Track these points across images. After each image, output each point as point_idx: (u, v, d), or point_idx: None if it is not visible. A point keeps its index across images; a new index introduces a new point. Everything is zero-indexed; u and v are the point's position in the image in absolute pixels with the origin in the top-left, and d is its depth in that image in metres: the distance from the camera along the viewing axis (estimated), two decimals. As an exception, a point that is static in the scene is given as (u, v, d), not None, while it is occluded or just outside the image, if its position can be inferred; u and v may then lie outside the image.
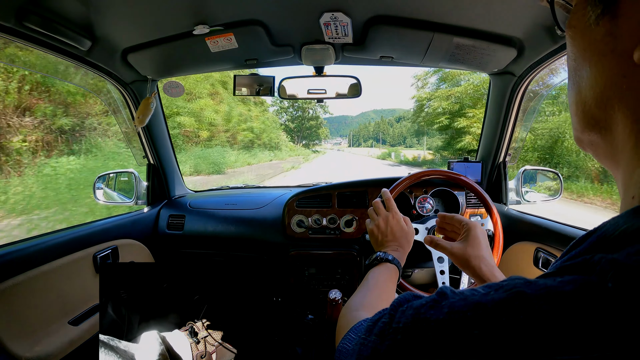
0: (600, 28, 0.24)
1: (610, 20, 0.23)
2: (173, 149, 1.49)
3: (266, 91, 1.23)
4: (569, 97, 0.29)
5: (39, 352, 0.79)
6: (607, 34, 0.23)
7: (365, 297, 0.52)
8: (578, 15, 0.26)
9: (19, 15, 0.72)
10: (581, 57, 0.26)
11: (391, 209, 0.75)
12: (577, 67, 0.27)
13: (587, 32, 0.25)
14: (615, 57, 0.23)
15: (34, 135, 5.64)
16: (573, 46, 0.27)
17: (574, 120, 0.29)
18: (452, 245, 0.63)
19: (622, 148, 0.25)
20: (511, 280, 0.22)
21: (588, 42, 0.25)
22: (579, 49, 0.26)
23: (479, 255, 0.60)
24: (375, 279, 0.59)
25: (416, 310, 0.25)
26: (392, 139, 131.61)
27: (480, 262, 0.59)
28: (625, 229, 0.20)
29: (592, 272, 0.19)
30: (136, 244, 1.25)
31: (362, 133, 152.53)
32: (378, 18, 0.91)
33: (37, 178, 5.18)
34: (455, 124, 15.68)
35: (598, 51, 0.24)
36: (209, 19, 0.90)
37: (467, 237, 0.63)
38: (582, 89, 0.26)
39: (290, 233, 1.29)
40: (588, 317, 0.17)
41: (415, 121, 23.71)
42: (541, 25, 0.86)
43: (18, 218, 4.42)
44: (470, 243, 0.61)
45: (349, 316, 0.46)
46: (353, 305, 0.50)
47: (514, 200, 1.31)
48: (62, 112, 6.18)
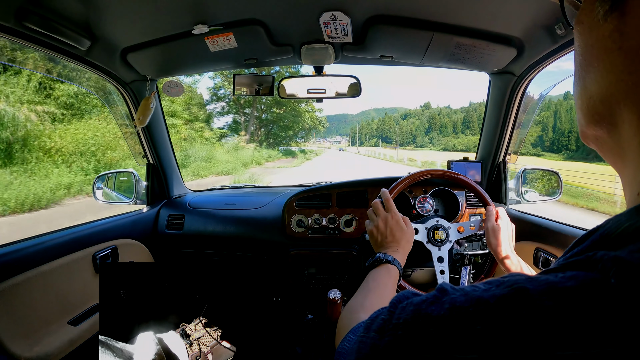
0: (608, 24, 0.24)
1: (618, 17, 0.23)
2: (172, 149, 1.49)
3: (266, 91, 1.23)
4: (575, 92, 0.29)
5: (38, 352, 0.79)
6: (615, 31, 0.23)
7: (366, 299, 0.52)
8: (587, 11, 0.26)
9: (19, 15, 0.72)
10: (588, 53, 0.26)
11: (390, 209, 0.75)
12: (584, 62, 0.27)
13: (595, 28, 0.25)
14: (622, 54, 0.23)
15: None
16: (581, 41, 0.27)
17: (579, 115, 0.29)
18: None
19: (627, 145, 0.24)
20: (512, 276, 0.22)
21: (595, 38, 0.25)
22: (587, 44, 0.26)
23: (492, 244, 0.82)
24: (375, 280, 0.59)
25: (417, 306, 0.25)
26: (400, 137, 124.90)
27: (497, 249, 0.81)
28: (628, 226, 0.20)
29: (594, 268, 0.19)
30: (136, 243, 1.25)
31: (364, 131, 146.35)
32: (378, 17, 0.91)
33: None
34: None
35: (605, 48, 0.24)
36: (209, 19, 0.90)
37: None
38: (587, 85, 0.26)
39: (290, 233, 1.29)
40: (589, 313, 0.17)
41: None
42: (541, 25, 0.86)
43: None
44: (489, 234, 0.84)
45: (348, 318, 0.46)
46: (353, 308, 0.50)
47: (513, 200, 1.31)
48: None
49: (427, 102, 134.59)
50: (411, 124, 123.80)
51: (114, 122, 9.11)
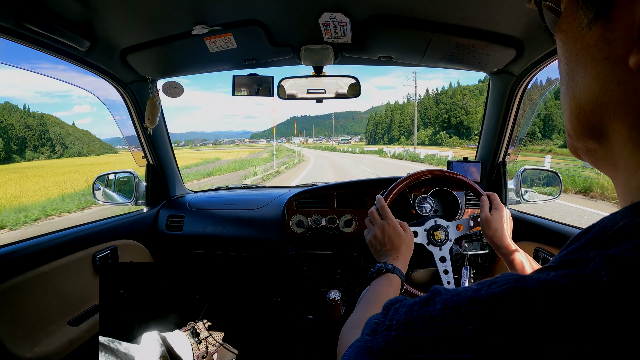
0: (593, 33, 0.23)
1: (603, 25, 0.22)
2: (172, 150, 1.49)
3: (265, 91, 1.23)
4: (563, 103, 0.28)
5: (38, 352, 0.79)
6: (601, 39, 0.23)
7: (365, 313, 0.51)
8: (569, 19, 0.25)
9: (19, 15, 0.72)
10: (574, 62, 0.25)
11: (387, 216, 0.74)
12: (570, 72, 0.26)
13: (579, 36, 0.24)
14: (609, 63, 0.22)
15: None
16: (565, 50, 0.26)
17: (569, 127, 0.28)
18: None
19: (619, 154, 0.24)
20: (504, 276, 0.22)
21: (580, 47, 0.24)
22: (572, 54, 0.25)
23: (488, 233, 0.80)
24: (376, 292, 0.58)
25: (409, 307, 0.25)
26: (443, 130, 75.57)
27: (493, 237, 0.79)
28: (622, 224, 0.20)
29: (586, 267, 0.19)
30: (135, 244, 1.25)
31: (378, 128, 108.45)
32: (377, 18, 0.91)
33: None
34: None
35: (591, 57, 0.23)
36: (208, 19, 0.90)
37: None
38: (576, 95, 0.26)
39: (290, 233, 1.29)
40: (582, 312, 0.17)
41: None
42: (540, 25, 0.85)
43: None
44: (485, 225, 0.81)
45: (347, 335, 0.46)
46: (352, 323, 0.49)
47: (513, 200, 1.31)
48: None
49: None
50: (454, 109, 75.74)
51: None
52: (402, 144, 79.96)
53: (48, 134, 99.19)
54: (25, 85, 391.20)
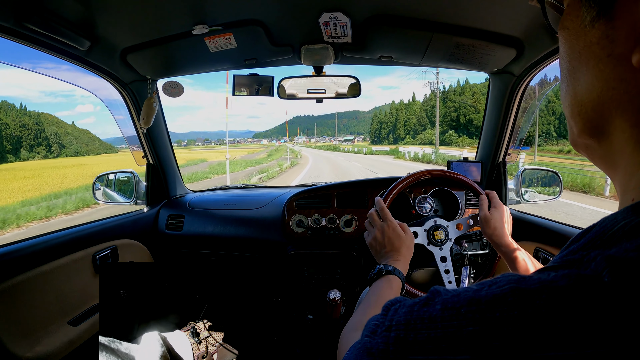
0: (596, 30, 0.23)
1: (606, 22, 0.22)
2: (172, 149, 1.49)
3: (265, 91, 1.23)
4: (564, 100, 0.28)
5: (38, 351, 0.79)
6: (604, 37, 0.22)
7: (365, 315, 0.51)
8: (571, 16, 0.25)
9: (19, 15, 0.72)
10: (576, 59, 0.25)
11: (386, 218, 0.74)
12: (572, 69, 0.26)
13: (582, 34, 0.24)
14: (612, 61, 0.22)
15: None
16: (567, 48, 0.26)
17: (571, 124, 0.28)
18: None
19: (620, 152, 0.24)
20: (504, 276, 0.22)
21: (583, 44, 0.24)
22: (574, 51, 0.25)
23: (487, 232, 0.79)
24: (376, 294, 0.58)
25: (409, 308, 0.25)
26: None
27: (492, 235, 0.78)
28: (623, 224, 0.20)
29: (587, 267, 0.18)
30: (136, 244, 1.25)
31: (382, 128, 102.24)
32: (377, 18, 0.91)
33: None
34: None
35: (594, 55, 0.23)
36: (208, 19, 0.90)
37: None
38: (578, 92, 0.26)
39: (290, 233, 1.29)
40: (583, 312, 0.17)
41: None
42: (541, 25, 0.86)
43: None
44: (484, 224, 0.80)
45: (347, 337, 0.46)
46: (352, 326, 0.49)
47: (513, 200, 1.31)
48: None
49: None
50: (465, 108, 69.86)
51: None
52: (407, 143, 76.64)
53: (44, 133, 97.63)
54: (29, 85, 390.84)
